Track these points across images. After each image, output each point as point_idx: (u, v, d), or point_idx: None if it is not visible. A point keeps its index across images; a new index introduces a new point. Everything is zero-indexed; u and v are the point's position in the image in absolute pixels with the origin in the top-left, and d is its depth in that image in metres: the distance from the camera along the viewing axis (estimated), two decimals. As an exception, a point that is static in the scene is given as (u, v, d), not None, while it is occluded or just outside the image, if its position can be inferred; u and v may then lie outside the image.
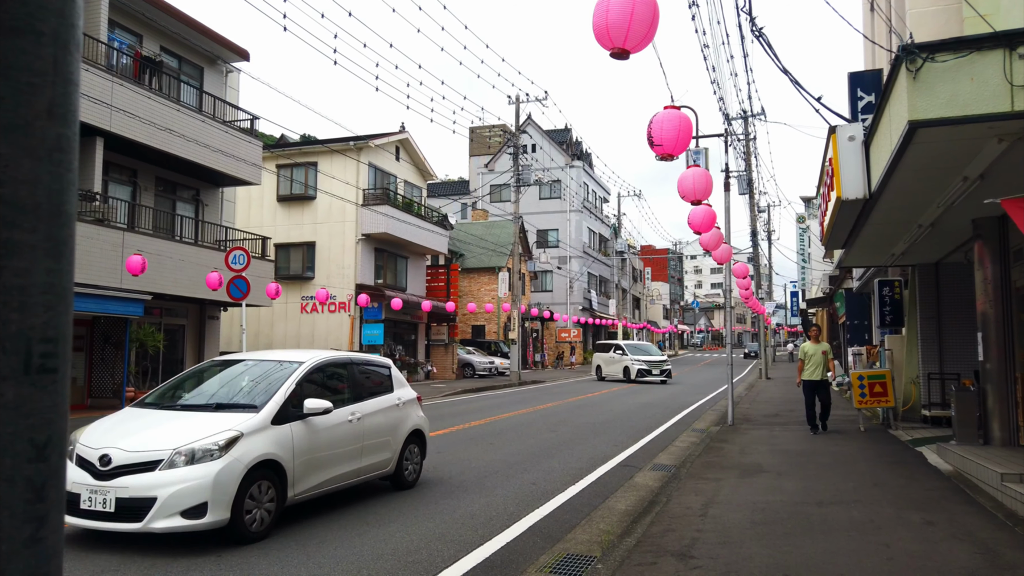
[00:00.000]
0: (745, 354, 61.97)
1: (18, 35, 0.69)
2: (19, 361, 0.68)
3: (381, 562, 5.25)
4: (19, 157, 0.69)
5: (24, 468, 0.69)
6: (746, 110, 27.08)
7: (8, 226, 0.68)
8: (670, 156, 6.64)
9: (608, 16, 4.35)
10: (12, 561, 0.67)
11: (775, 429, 12.50)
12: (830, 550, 5.16)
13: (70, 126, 0.72)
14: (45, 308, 0.70)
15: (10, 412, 0.68)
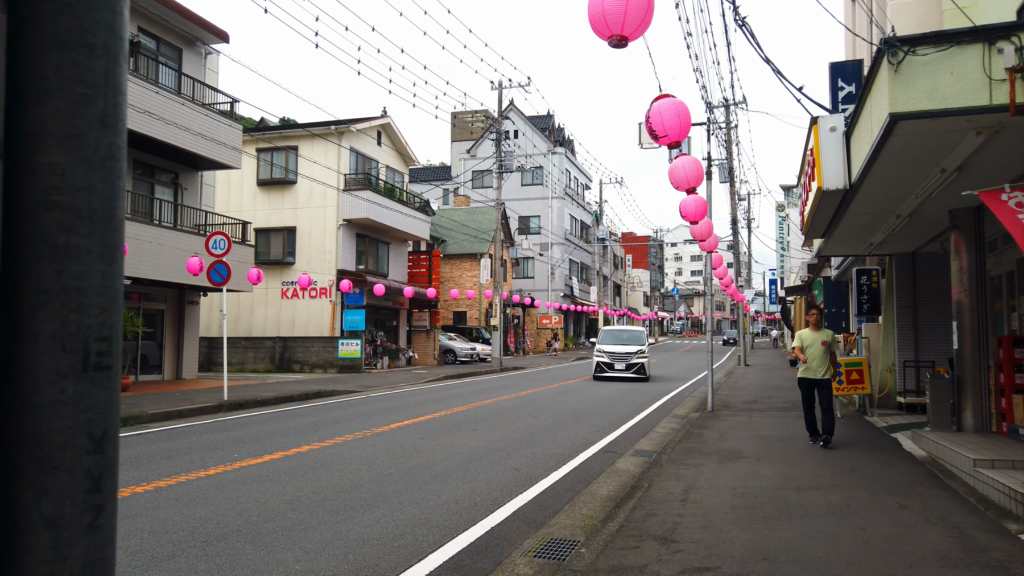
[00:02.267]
0: (724, 341, 62.59)
1: (72, 48, 0.71)
2: (78, 359, 0.72)
3: (367, 547, 5.29)
4: (75, 165, 0.72)
5: (83, 460, 0.72)
6: (728, 98, 27.22)
7: (66, 231, 0.71)
8: (676, 143, 6.72)
9: (604, 4, 4.37)
10: (73, 547, 0.71)
11: (754, 415, 12.69)
12: (808, 534, 5.29)
13: (120, 135, 0.75)
14: (100, 309, 0.73)
15: (70, 408, 0.71)
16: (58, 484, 0.71)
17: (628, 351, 22.44)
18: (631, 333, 24.13)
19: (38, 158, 0.71)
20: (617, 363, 22.25)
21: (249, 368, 26.05)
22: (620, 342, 23.13)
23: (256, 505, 6.43)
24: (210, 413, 13.19)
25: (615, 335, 23.97)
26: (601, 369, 22.37)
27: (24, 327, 0.70)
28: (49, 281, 0.70)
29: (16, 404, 0.69)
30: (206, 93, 19.88)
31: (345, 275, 25.33)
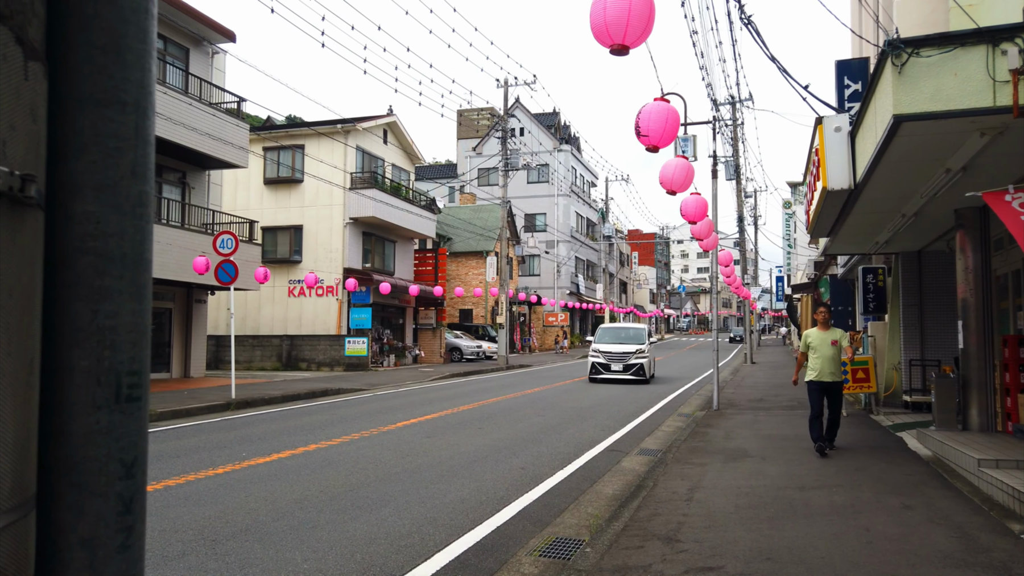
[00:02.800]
0: (730, 338, 62.52)
1: (107, 106, 0.77)
2: (111, 392, 0.77)
3: (374, 546, 5.35)
4: (108, 213, 0.77)
5: (116, 485, 0.77)
6: (734, 96, 27.17)
7: (101, 274, 0.76)
8: (655, 148, 6.74)
9: (606, 13, 4.42)
10: (107, 565, 0.76)
11: (759, 414, 12.71)
12: (812, 534, 5.33)
13: (148, 183, 0.80)
14: (131, 344, 0.78)
15: (104, 436, 0.77)
16: (93, 507, 0.76)
17: (626, 350, 20.35)
18: (631, 331, 22.20)
19: (75, 207, 0.76)
20: (614, 364, 20.26)
21: (256, 366, 26.19)
22: (618, 340, 21.14)
23: (264, 504, 6.50)
24: (218, 411, 13.29)
25: (614, 333, 22.10)
26: (596, 370, 20.47)
27: (62, 362, 0.75)
28: (85, 320, 0.76)
29: (55, 433, 0.75)
30: (213, 92, 19.97)
31: (351, 273, 25.42)
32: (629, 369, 20.18)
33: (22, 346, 0.69)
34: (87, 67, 0.76)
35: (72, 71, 0.76)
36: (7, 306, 0.67)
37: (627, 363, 20.20)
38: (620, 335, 21.81)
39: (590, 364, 20.75)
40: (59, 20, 0.76)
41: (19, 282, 0.69)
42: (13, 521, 0.67)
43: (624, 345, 20.72)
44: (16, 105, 0.69)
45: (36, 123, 0.72)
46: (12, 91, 0.68)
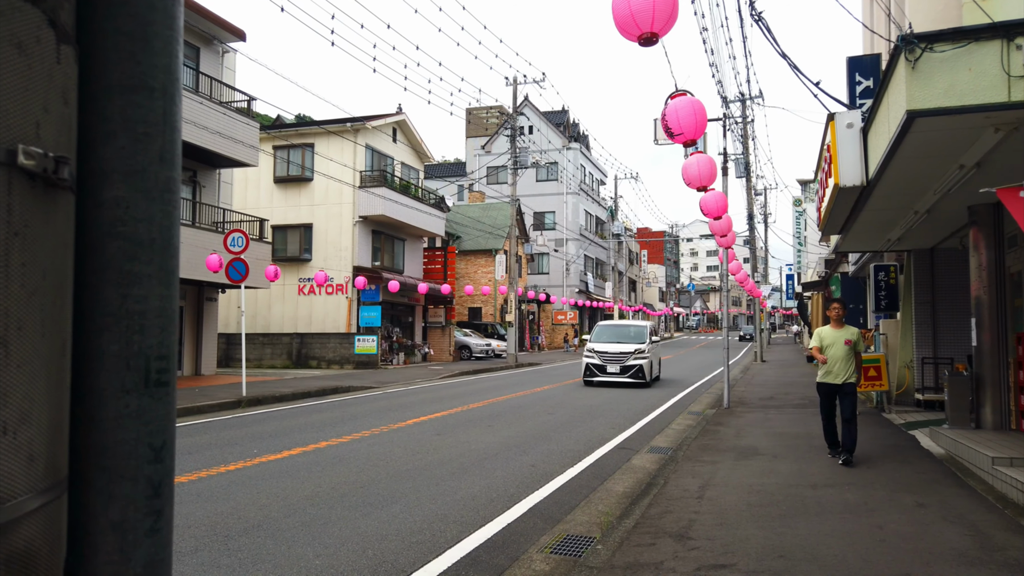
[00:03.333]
0: (740, 336, 62.31)
1: (135, 91, 0.77)
2: (140, 376, 0.78)
3: (386, 542, 5.36)
4: (137, 199, 0.78)
5: (145, 468, 0.78)
6: (744, 93, 27.07)
7: (130, 259, 0.77)
8: (692, 142, 6.73)
9: (631, 4, 4.38)
10: (137, 548, 0.77)
11: (770, 412, 12.67)
12: (824, 532, 5.30)
13: (176, 169, 0.81)
14: (159, 329, 0.79)
15: (133, 421, 0.77)
16: (123, 491, 0.77)
17: (624, 350, 18.43)
18: (632, 328, 20.11)
19: (105, 193, 0.77)
20: (610, 365, 18.33)
21: (267, 364, 26.29)
22: (617, 339, 19.13)
23: (276, 500, 6.52)
24: (229, 409, 13.35)
25: (613, 331, 19.95)
26: (590, 372, 18.64)
27: (92, 347, 0.76)
28: (114, 305, 0.76)
29: (85, 418, 0.76)
30: (223, 91, 20.05)
31: (361, 272, 25.48)
32: (627, 371, 18.23)
33: (56, 329, 0.70)
34: (115, 53, 0.77)
35: (101, 57, 0.77)
36: (42, 288, 0.67)
37: (624, 364, 18.26)
38: (619, 333, 19.69)
39: (583, 365, 18.91)
40: (88, 6, 0.76)
41: (53, 265, 0.69)
42: (47, 502, 0.68)
43: (622, 344, 18.73)
44: (49, 87, 0.69)
45: (68, 106, 0.73)
46: (45, 73, 0.68)
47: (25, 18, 0.66)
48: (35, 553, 0.66)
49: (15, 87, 0.65)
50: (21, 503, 0.65)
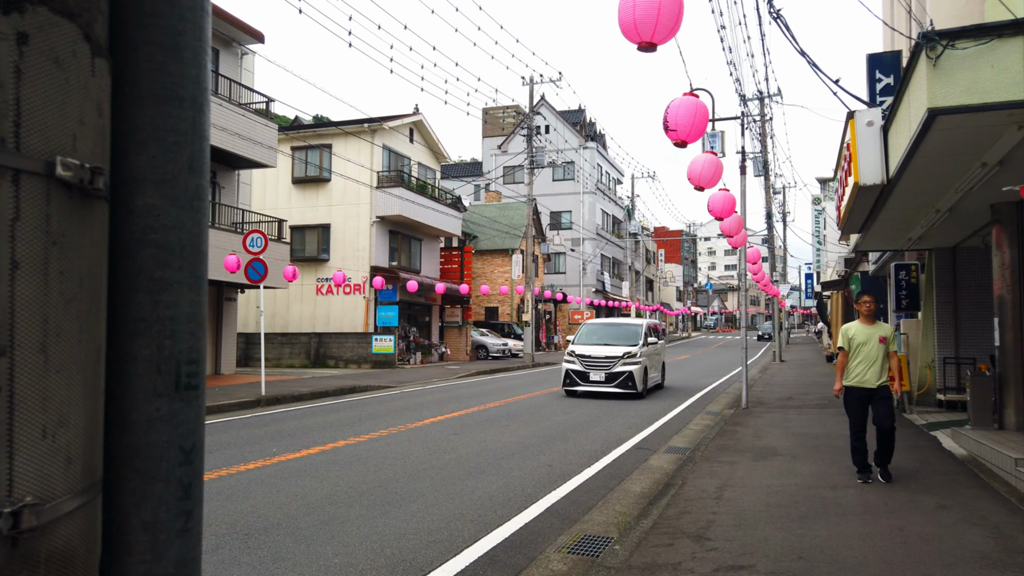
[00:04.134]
0: (759, 336, 61.89)
1: (165, 101, 0.79)
2: (171, 380, 0.80)
3: (404, 541, 5.39)
4: (168, 206, 0.79)
5: (176, 471, 0.80)
6: (762, 91, 26.89)
7: (161, 266, 0.79)
8: (683, 143, 6.70)
9: (635, 11, 4.40)
10: (168, 548, 0.79)
11: (789, 412, 12.58)
12: (844, 533, 5.26)
13: (204, 176, 0.82)
14: (190, 334, 0.81)
15: (165, 424, 0.79)
16: (155, 492, 0.79)
17: (610, 354, 15.50)
18: (623, 328, 17.36)
19: (136, 200, 0.79)
20: (593, 372, 15.44)
21: (285, 363, 26.48)
22: (604, 341, 16.32)
23: (295, 499, 6.58)
24: (248, 408, 13.47)
25: (601, 331, 17.19)
26: (571, 380, 15.70)
27: (125, 351, 0.78)
28: (146, 310, 0.78)
29: (118, 420, 0.78)
30: (242, 93, 20.21)
31: (378, 271, 25.60)
32: (613, 379, 15.26)
33: (91, 334, 0.72)
34: (147, 64, 0.79)
35: (133, 68, 0.79)
36: (78, 296, 0.69)
37: (610, 371, 15.31)
38: (608, 334, 16.87)
39: (563, 372, 15.89)
40: (120, 18, 0.78)
41: (88, 272, 0.71)
42: (84, 503, 0.70)
43: (609, 347, 15.79)
44: (85, 100, 0.71)
45: (102, 118, 0.74)
46: (81, 86, 0.70)
47: (62, 33, 0.68)
48: (73, 552, 0.68)
49: (53, 100, 0.67)
50: (60, 504, 0.67)
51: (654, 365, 16.74)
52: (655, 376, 16.92)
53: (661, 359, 18.04)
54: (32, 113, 0.66)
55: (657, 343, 17.63)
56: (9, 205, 0.64)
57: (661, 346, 18.35)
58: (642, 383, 15.41)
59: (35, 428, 0.65)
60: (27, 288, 0.64)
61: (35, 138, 0.66)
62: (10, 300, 0.63)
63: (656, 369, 17.14)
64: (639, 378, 15.29)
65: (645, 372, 15.67)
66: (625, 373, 15.26)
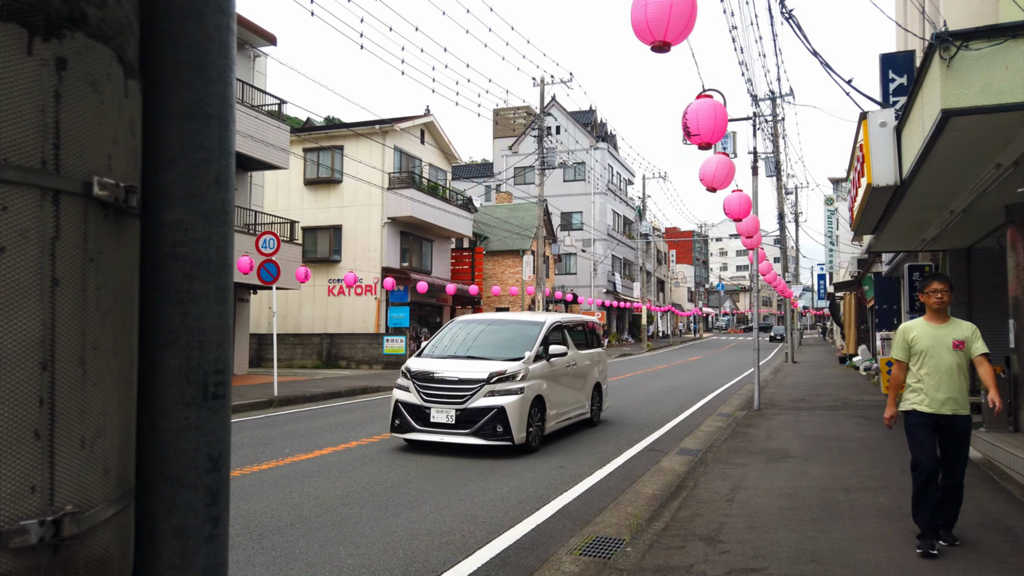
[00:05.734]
0: (771, 337, 61.59)
1: (193, 119, 0.81)
2: (199, 390, 0.82)
3: (416, 542, 5.42)
4: (195, 221, 0.82)
5: (204, 478, 0.82)
6: (774, 91, 26.78)
7: (189, 279, 0.81)
8: (708, 145, 6.70)
9: (647, 10, 4.40)
10: (197, 554, 0.81)
11: (801, 414, 12.53)
12: (857, 536, 5.24)
13: (230, 191, 0.85)
14: (216, 345, 0.83)
15: (193, 432, 0.81)
16: (184, 498, 0.81)
17: (471, 376, 9.11)
18: (511, 329, 10.46)
19: (165, 215, 0.81)
20: (438, 407, 9.06)
21: (297, 364, 26.60)
22: (472, 351, 9.86)
23: (308, 500, 6.62)
24: (261, 408, 13.55)
25: (475, 335, 10.40)
26: (402, 419, 9.23)
27: (154, 362, 0.80)
28: (175, 322, 0.81)
29: (148, 429, 0.80)
30: (254, 95, 20.32)
31: (389, 272, 25.68)
32: (469, 421, 8.88)
33: (125, 347, 0.74)
34: (175, 82, 0.81)
35: (161, 86, 0.81)
36: (114, 310, 0.72)
37: (466, 407, 8.92)
38: (484, 340, 10.19)
39: (392, 405, 9.40)
40: (149, 37, 0.80)
41: (123, 287, 0.73)
42: (119, 510, 0.72)
43: (475, 363, 9.43)
44: (119, 121, 0.73)
45: (134, 136, 0.77)
46: (116, 108, 0.73)
47: (98, 57, 0.71)
48: (109, 558, 0.70)
49: (89, 122, 0.70)
50: (98, 512, 0.69)
51: (561, 394, 10.19)
52: (566, 412, 10.39)
53: (589, 380, 11.42)
54: (70, 135, 0.68)
55: (574, 355, 10.82)
56: (50, 225, 0.66)
57: (591, 359, 11.62)
58: (523, 427, 8.92)
59: (74, 439, 0.67)
60: (67, 304, 0.67)
61: (73, 159, 0.69)
62: (51, 316, 0.66)
63: (575, 399, 10.77)
64: (517, 418, 8.81)
65: (536, 407, 9.32)
66: (491, 411, 8.79)
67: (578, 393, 10.94)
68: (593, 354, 11.85)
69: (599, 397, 11.82)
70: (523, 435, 8.97)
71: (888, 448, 8.96)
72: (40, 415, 0.65)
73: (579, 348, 11.29)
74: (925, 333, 5.10)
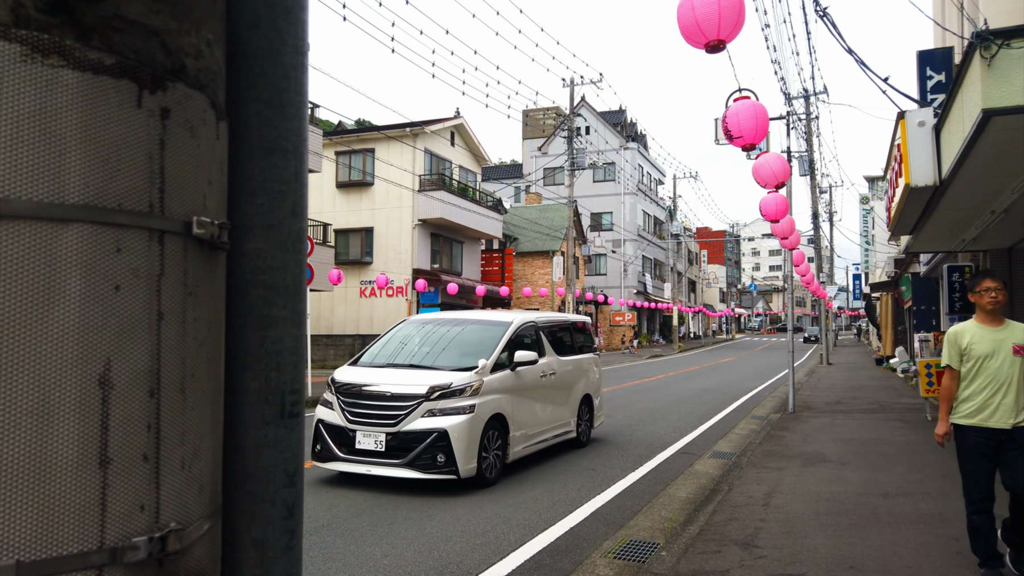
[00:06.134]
0: (805, 338, 60.76)
1: (273, 154, 0.86)
2: (277, 409, 0.86)
3: (451, 543, 5.47)
4: (273, 250, 0.86)
5: (281, 492, 0.87)
6: (808, 90, 26.43)
7: (268, 304, 0.86)
8: (751, 146, 6.67)
9: (696, 12, 4.39)
10: (275, 565, 0.86)
11: (838, 417, 12.36)
12: (897, 542, 5.18)
13: (304, 221, 0.89)
14: (292, 366, 0.88)
15: (271, 449, 0.86)
16: (263, 512, 0.85)
17: (405, 392, 7.19)
18: (466, 332, 8.52)
19: (247, 245, 0.86)
20: (364, 431, 7.20)
21: (330, 364, 26.90)
22: (414, 360, 8.01)
23: (343, 501, 6.71)
24: (296, 409, 13.71)
25: (425, 337, 8.54)
26: (323, 445, 7.47)
27: (236, 384, 0.85)
28: (255, 345, 0.85)
29: (231, 447, 0.85)
30: (288, 100, 20.61)
31: (420, 274, 25.86)
32: (402, 448, 7.07)
33: (216, 373, 0.79)
34: (256, 120, 0.86)
35: (243, 124, 0.86)
36: (207, 339, 0.77)
37: (398, 430, 7.10)
38: (433, 344, 8.35)
39: (314, 425, 7.64)
40: (232, 79, 0.85)
41: (214, 316, 0.78)
42: (212, 525, 0.77)
43: (415, 374, 7.61)
44: (212, 162, 0.78)
45: (223, 175, 0.82)
46: (209, 150, 0.78)
47: (195, 104, 0.76)
48: (204, 571, 0.75)
49: (188, 166, 0.75)
50: (195, 528, 0.74)
51: (532, 411, 8.38)
52: (540, 433, 8.56)
53: (575, 392, 9.53)
54: (173, 179, 0.74)
55: (552, 363, 8.97)
56: (156, 263, 0.72)
57: (578, 367, 9.73)
58: (472, 455, 7.14)
59: (176, 460, 0.72)
60: (170, 335, 0.72)
61: (175, 201, 0.74)
62: (157, 347, 0.71)
63: (554, 416, 8.90)
64: (464, 445, 7.05)
65: (495, 429, 7.59)
66: (429, 435, 7.02)
67: (558, 408, 8.94)
68: (581, 360, 9.85)
69: (589, 412, 9.86)
70: (472, 466, 7.05)
71: (928, 453, 8.81)
72: (148, 439, 0.70)
73: (563, 353, 9.36)
74: (981, 337, 4.59)
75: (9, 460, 0.63)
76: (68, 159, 0.68)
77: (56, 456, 0.66)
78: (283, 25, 0.86)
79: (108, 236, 0.69)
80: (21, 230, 0.65)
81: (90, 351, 0.68)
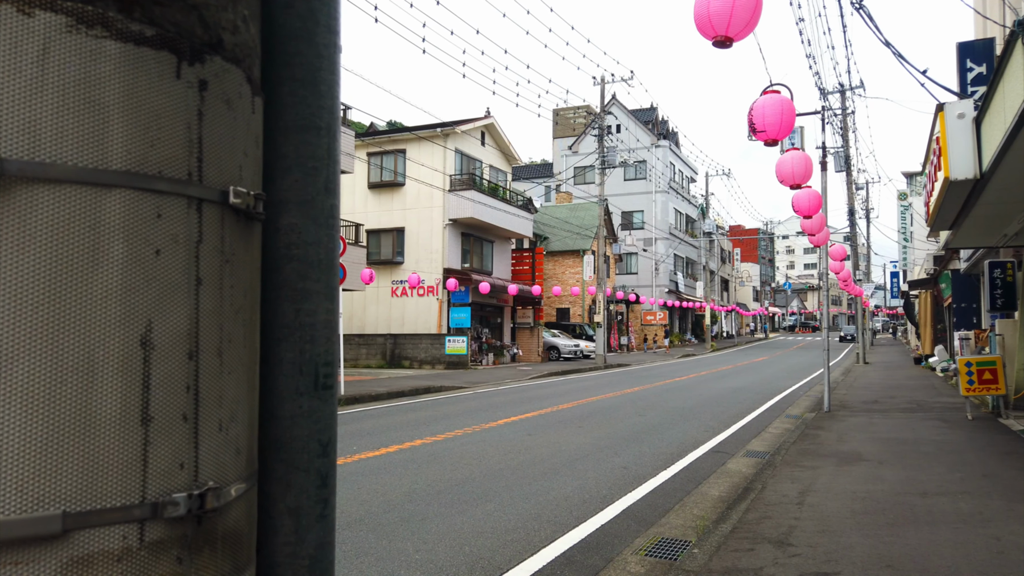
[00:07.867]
0: (841, 337, 59.79)
1: (306, 131, 0.88)
2: (311, 380, 0.88)
3: (482, 539, 5.49)
4: (307, 225, 0.89)
5: (315, 462, 0.89)
6: (843, 83, 25.98)
7: (302, 278, 0.88)
8: (774, 141, 6.58)
9: (710, 5, 4.36)
10: (309, 531, 0.88)
11: (874, 416, 12.14)
12: (935, 542, 5.07)
13: (336, 197, 0.91)
14: (325, 339, 0.90)
15: (306, 419, 0.88)
16: (298, 480, 0.88)
17: None
18: None
19: (282, 220, 0.88)
20: None
21: (362, 364, 27.16)
22: None
23: (375, 496, 6.77)
24: (329, 407, 13.90)
25: None
26: None
27: (272, 355, 0.87)
28: (290, 318, 0.87)
29: (267, 416, 0.87)
30: (321, 102, 20.86)
31: (451, 273, 25.98)
32: None
33: (252, 340, 0.81)
34: (290, 98, 0.88)
35: (278, 102, 0.88)
36: (244, 305, 0.79)
37: None
38: None
39: None
40: (267, 57, 0.88)
41: (250, 285, 0.81)
42: (247, 489, 0.79)
43: None
44: (248, 135, 0.80)
45: (259, 148, 0.84)
46: (245, 123, 0.80)
47: (231, 78, 0.78)
48: (240, 532, 0.77)
49: (225, 137, 0.77)
50: (232, 489, 0.76)
51: None
52: None
53: None
54: (210, 149, 0.76)
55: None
56: (195, 230, 0.74)
57: None
58: None
59: (214, 422, 0.75)
60: (208, 300, 0.75)
61: (213, 171, 0.77)
62: (196, 311, 0.73)
63: None
64: None
65: None
66: None
67: None
68: None
69: None
70: None
71: (968, 452, 8.62)
72: (187, 400, 0.73)
73: None
74: None
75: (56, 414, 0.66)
76: (111, 127, 0.71)
77: (100, 412, 0.69)
78: (317, 5, 0.88)
79: (149, 202, 0.72)
80: (68, 194, 0.69)
81: (132, 312, 0.71)
